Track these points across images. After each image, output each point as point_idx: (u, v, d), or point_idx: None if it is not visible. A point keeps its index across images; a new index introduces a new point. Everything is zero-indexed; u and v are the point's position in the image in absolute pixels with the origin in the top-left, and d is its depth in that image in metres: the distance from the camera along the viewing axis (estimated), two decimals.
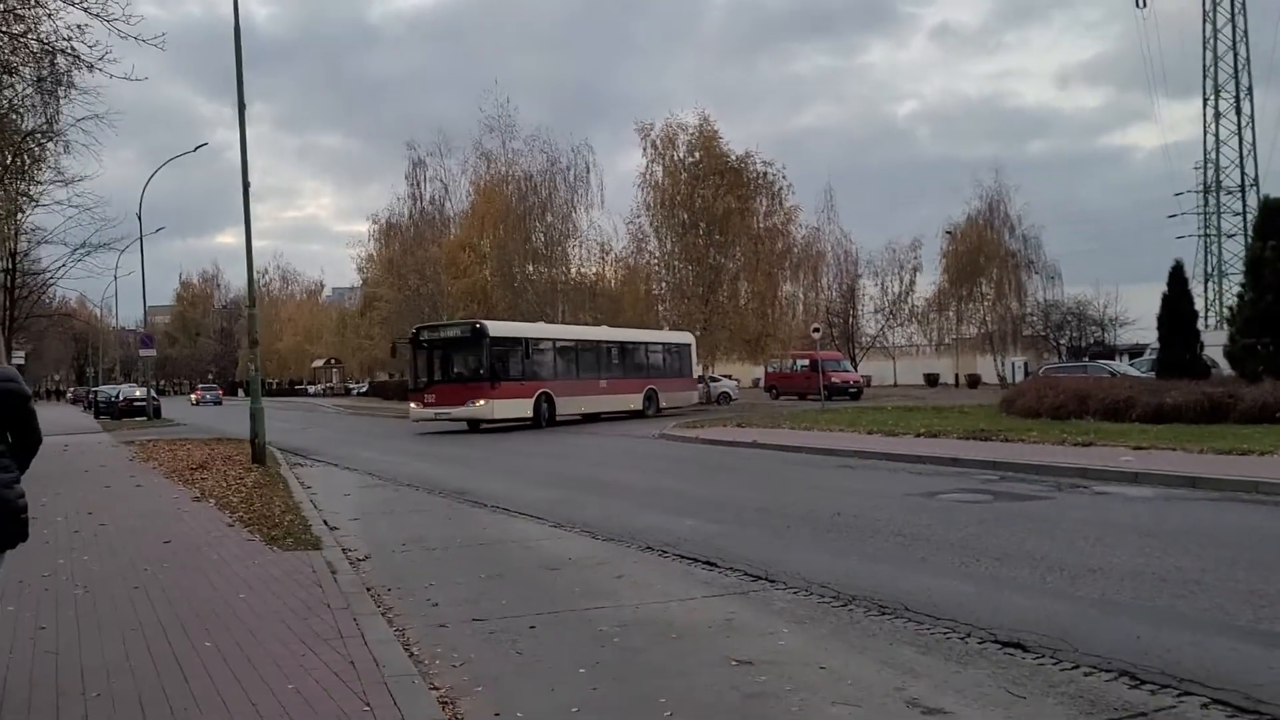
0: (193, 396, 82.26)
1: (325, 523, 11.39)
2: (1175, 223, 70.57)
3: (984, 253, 60.63)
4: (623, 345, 37.70)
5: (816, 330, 44.40)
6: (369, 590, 7.69)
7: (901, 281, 65.01)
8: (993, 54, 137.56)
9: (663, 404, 37.49)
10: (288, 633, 6.34)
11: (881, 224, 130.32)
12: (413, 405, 31.46)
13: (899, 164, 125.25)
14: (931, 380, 65.28)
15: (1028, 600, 7.03)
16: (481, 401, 29.19)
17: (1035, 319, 64.41)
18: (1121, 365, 39.53)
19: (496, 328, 31.30)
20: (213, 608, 7.17)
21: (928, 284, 64.45)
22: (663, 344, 39.83)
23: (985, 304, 62.06)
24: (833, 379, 45.87)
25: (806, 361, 47.94)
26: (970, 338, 64.60)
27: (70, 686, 5.35)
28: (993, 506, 11.71)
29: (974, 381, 60.77)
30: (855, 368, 58.41)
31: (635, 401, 36.21)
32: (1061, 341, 64.88)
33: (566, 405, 32.77)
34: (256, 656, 5.83)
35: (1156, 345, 29.53)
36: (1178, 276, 26.80)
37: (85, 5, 17.37)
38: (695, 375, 42.29)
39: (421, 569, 8.88)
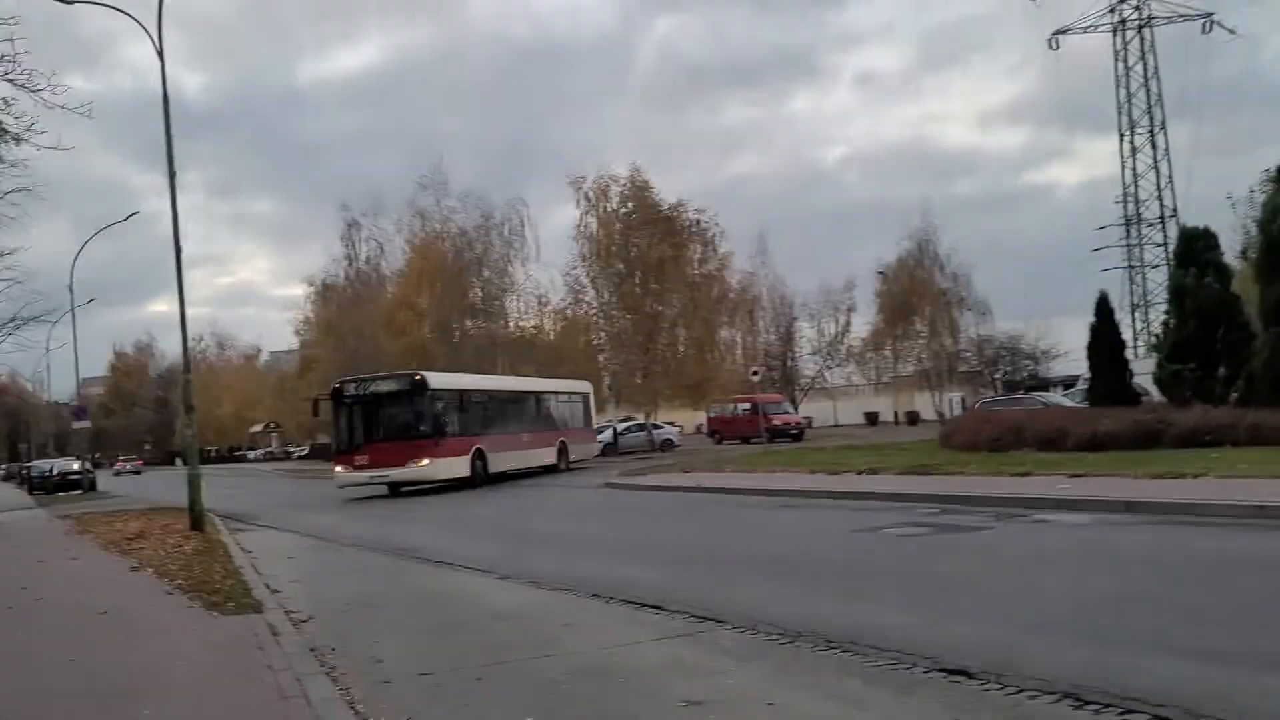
0: (115, 468, 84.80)
1: (267, 586, 11.18)
2: (1100, 255, 72.17)
3: (916, 291, 61.52)
4: (538, 395, 36.09)
5: (755, 374, 44.75)
6: (312, 650, 7.55)
7: (837, 323, 65.74)
8: (915, 98, 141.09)
9: (572, 457, 35.56)
10: (230, 697, 6.22)
11: (815, 267, 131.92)
12: (339, 469, 27.92)
13: (830, 208, 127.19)
14: (872, 419, 66.06)
15: (971, 628, 7.13)
16: (425, 461, 26.37)
17: (970, 354, 65.36)
18: (1055, 396, 40.31)
19: (437, 379, 28.53)
20: (151, 676, 7.01)
21: (863, 324, 65.20)
22: (569, 393, 38.29)
23: (920, 341, 62.83)
24: (774, 421, 46.13)
25: (748, 405, 48.16)
26: (908, 375, 65.27)
27: None
28: (934, 539, 11.86)
29: (913, 418, 61.56)
30: (796, 409, 58.80)
31: (550, 455, 33.90)
32: (996, 376, 65.98)
33: (496, 461, 29.81)
34: None
35: (1088, 375, 30.19)
36: (1104, 307, 27.53)
37: (9, 76, 17.20)
38: (594, 426, 40.83)
39: (366, 627, 8.76)
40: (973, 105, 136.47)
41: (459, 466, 27.87)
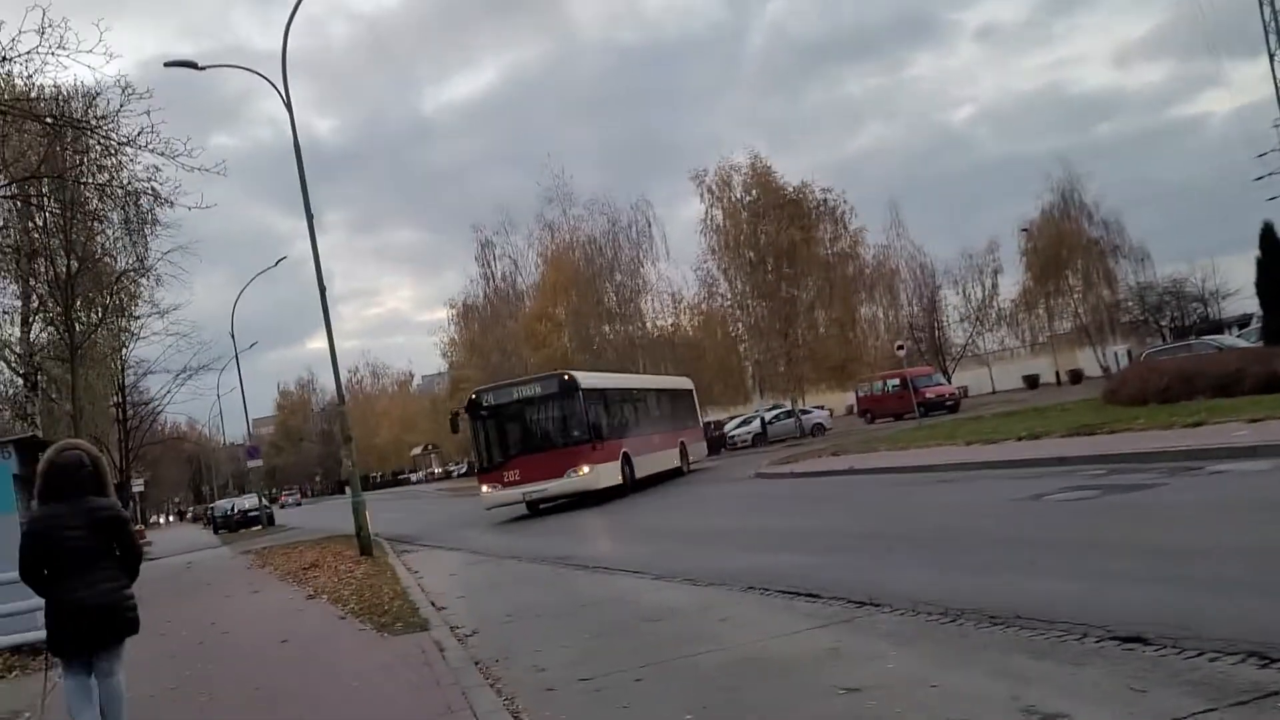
0: (280, 502, 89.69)
1: (432, 604, 11.52)
2: (1263, 184, 67.72)
3: (1065, 245, 59.17)
4: (660, 393, 34.22)
5: (901, 348, 43.81)
6: (477, 663, 7.74)
7: (984, 286, 64.03)
8: (1043, 45, 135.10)
9: (691, 458, 33.62)
10: (401, 713, 6.41)
11: (954, 232, 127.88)
12: (485, 488, 25.03)
13: (962, 170, 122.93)
14: (1031, 382, 63.65)
15: (1145, 591, 6.78)
16: (585, 469, 23.77)
17: (1131, 304, 62.49)
18: (1229, 339, 37.96)
19: (587, 378, 26.16)
20: (329, 699, 7.30)
21: (1011, 285, 63.25)
22: (680, 390, 36.94)
23: (1075, 296, 60.44)
24: (926, 395, 45.09)
25: (897, 381, 47.19)
26: (1065, 333, 62.82)
27: None
28: (1101, 501, 11.34)
29: (1076, 377, 59.07)
30: (949, 380, 57.32)
31: (675, 457, 31.78)
32: (1163, 323, 62.80)
33: (640, 465, 27.36)
34: None
35: (1260, 313, 28.40)
36: (1270, 238, 25.92)
37: (153, 148, 18.35)
38: (700, 423, 39.19)
39: (527, 637, 8.91)
40: (1107, 44, 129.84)
41: (614, 473, 25.23)
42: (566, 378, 24.95)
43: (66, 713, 6.20)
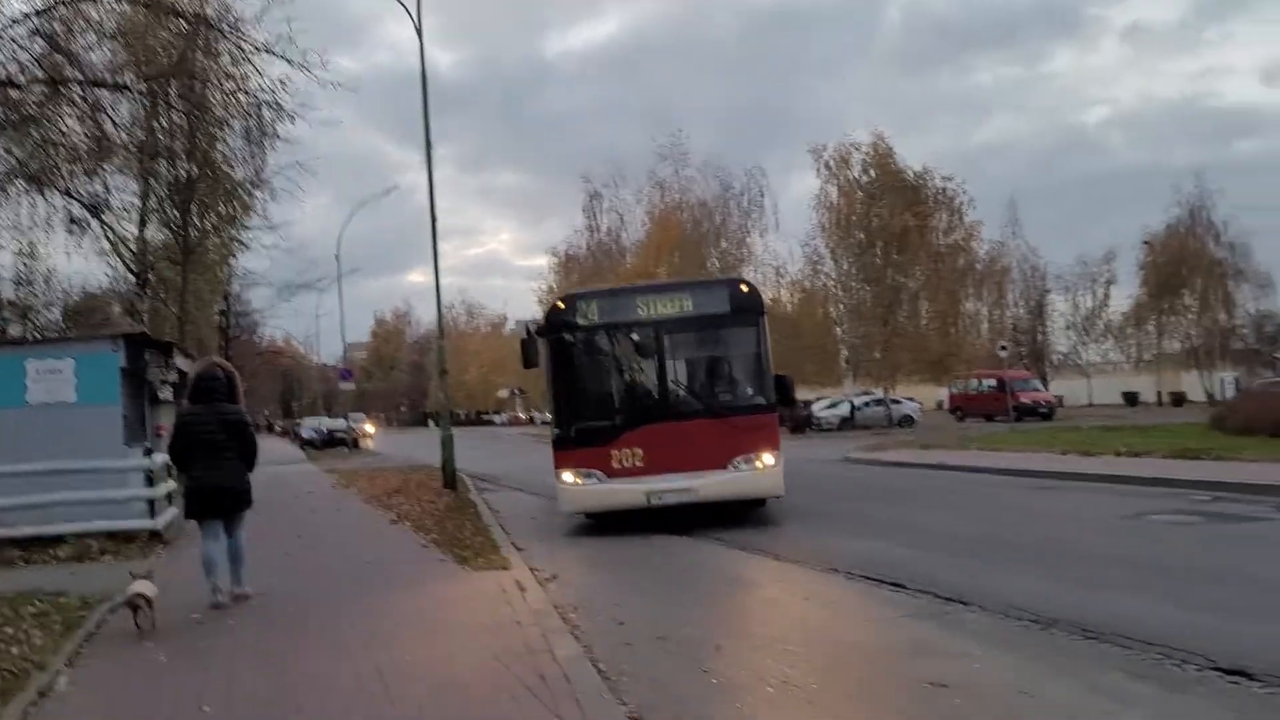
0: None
1: (513, 544, 11.67)
2: None
3: (1186, 263, 57.04)
4: None
5: (1004, 348, 42.74)
6: (556, 608, 7.81)
7: (1095, 295, 61.91)
8: (1192, 51, 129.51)
9: None
10: (480, 647, 6.50)
11: (1072, 237, 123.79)
12: (567, 476, 13.08)
13: (1089, 174, 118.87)
14: (1130, 399, 61.73)
15: (1251, 626, 6.52)
16: (768, 457, 12.98)
17: (1246, 331, 60.11)
18: None
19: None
20: (410, 623, 7.44)
21: (1124, 297, 61.13)
22: None
23: (1189, 317, 58.32)
24: (1021, 399, 43.96)
25: (993, 381, 46.08)
26: (1173, 353, 60.74)
27: (284, 695, 5.64)
28: (1206, 528, 10.96)
29: (1178, 400, 57.09)
30: (1046, 387, 55.85)
31: None
32: (1277, 355, 60.27)
33: None
34: (451, 669, 6.02)
35: None
36: None
37: (287, 56, 18.63)
38: None
39: (607, 588, 8.97)
40: (1257, 56, 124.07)
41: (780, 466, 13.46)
42: (745, 288, 13.95)
43: (202, 564, 8.18)
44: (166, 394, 15.10)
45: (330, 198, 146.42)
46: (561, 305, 13.82)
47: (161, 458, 11.94)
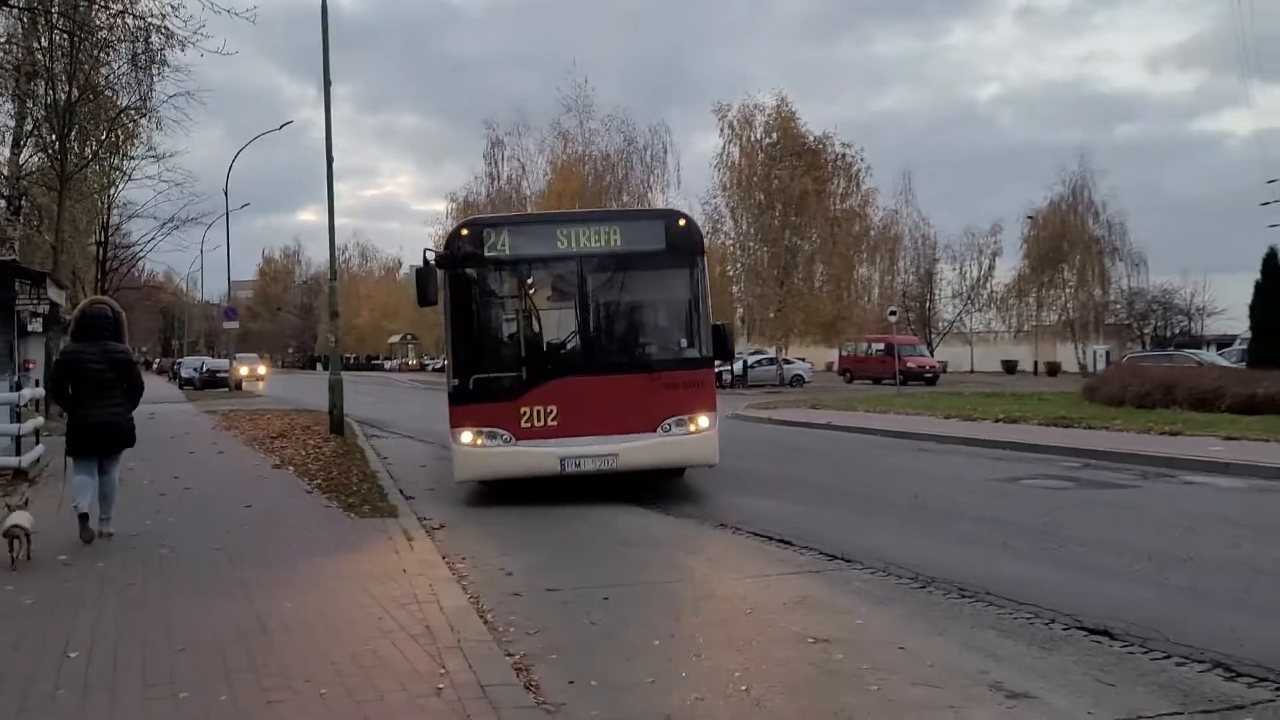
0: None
1: (401, 492, 11.51)
2: (1270, 210, 67.63)
3: (1066, 238, 59.11)
4: None
5: (893, 314, 43.75)
6: (444, 558, 7.73)
7: (980, 266, 63.82)
8: (1080, 35, 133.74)
9: None
10: (365, 596, 6.40)
11: (961, 208, 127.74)
12: (466, 437, 11.02)
13: (979, 148, 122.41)
14: (1009, 367, 63.95)
15: (1114, 588, 6.82)
16: (703, 419, 11.28)
17: (1119, 307, 62.63)
18: (1209, 355, 38.23)
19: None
20: (292, 569, 7.28)
21: (1007, 269, 63.10)
22: None
23: (1067, 291, 60.53)
24: (908, 364, 45.17)
25: (882, 345, 47.30)
26: (1051, 325, 63.02)
27: (158, 641, 5.46)
28: (1077, 493, 11.43)
29: (1054, 369, 59.42)
30: (931, 353, 57.45)
31: None
32: (1145, 331, 63.03)
33: None
34: (334, 618, 5.90)
35: (1247, 335, 28.49)
36: (1272, 265, 25.78)
37: None
38: None
39: (496, 540, 8.92)
40: (1142, 45, 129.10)
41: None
42: (683, 223, 12.06)
43: (72, 498, 8.19)
44: (36, 326, 14.39)
45: (222, 130, 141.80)
46: (465, 232, 11.61)
47: (30, 393, 11.43)
